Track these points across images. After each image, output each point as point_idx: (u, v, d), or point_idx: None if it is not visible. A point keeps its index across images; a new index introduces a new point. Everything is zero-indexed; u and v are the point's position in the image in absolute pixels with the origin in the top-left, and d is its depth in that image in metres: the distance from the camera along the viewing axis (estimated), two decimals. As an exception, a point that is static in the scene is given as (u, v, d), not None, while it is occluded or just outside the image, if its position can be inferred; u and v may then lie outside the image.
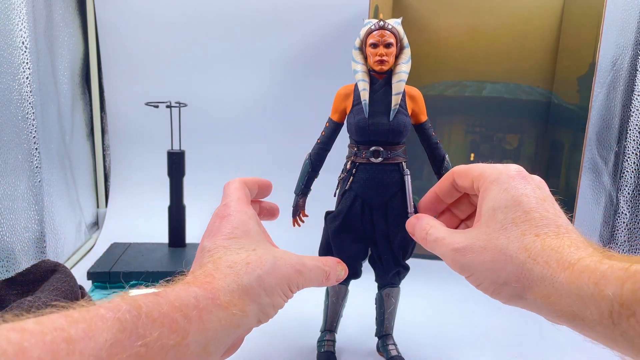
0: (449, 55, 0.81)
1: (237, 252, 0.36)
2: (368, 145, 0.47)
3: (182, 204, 0.78)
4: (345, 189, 0.48)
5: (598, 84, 0.79)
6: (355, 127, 0.46)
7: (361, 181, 0.47)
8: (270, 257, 0.36)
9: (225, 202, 0.41)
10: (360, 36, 0.47)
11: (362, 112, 0.46)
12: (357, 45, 0.47)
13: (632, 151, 0.71)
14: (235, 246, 0.36)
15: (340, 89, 0.48)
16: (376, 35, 0.45)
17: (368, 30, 0.46)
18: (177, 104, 0.78)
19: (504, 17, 0.79)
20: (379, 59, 0.45)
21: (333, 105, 0.49)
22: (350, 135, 0.48)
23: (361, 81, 0.46)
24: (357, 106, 0.46)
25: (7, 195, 0.63)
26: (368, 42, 0.46)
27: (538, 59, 0.80)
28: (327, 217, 0.50)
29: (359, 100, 0.46)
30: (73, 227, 0.86)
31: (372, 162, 0.47)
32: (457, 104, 0.83)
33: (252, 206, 0.42)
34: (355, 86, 0.47)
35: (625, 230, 0.72)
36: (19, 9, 0.65)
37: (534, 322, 0.65)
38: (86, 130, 0.95)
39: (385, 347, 0.54)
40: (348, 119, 0.47)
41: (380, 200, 0.47)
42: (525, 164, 0.84)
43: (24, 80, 0.67)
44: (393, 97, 0.46)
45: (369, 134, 0.46)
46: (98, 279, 0.68)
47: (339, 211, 0.48)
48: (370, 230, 0.48)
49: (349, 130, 0.48)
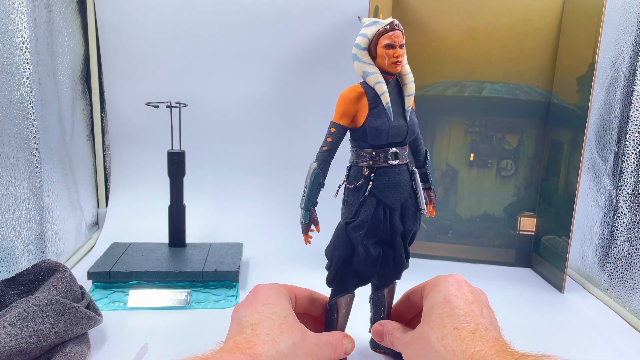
0: (449, 55, 0.81)
1: (270, 317, 0.40)
2: (386, 148, 0.46)
3: (182, 204, 0.78)
4: (365, 195, 0.46)
5: (597, 84, 0.79)
6: (377, 131, 0.45)
7: (382, 185, 0.47)
8: (298, 328, 0.41)
9: (260, 284, 0.47)
10: (367, 36, 0.45)
11: (383, 115, 0.45)
12: (364, 45, 0.45)
13: (631, 151, 0.71)
14: (269, 312, 0.41)
15: (347, 92, 0.46)
16: (392, 36, 0.44)
17: (380, 30, 0.44)
18: (177, 104, 0.78)
19: (503, 17, 0.79)
20: (396, 60, 0.44)
21: (340, 109, 0.46)
22: (365, 140, 0.46)
23: (380, 83, 0.45)
24: (375, 109, 0.45)
25: (7, 195, 0.63)
26: (382, 43, 0.44)
27: (537, 59, 0.80)
28: (349, 227, 0.47)
29: (376, 104, 0.45)
30: (73, 227, 0.86)
31: (390, 164, 0.46)
32: (457, 104, 0.83)
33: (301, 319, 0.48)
34: (366, 88, 0.45)
35: (625, 230, 0.72)
36: (19, 9, 0.66)
37: (531, 323, 0.65)
38: (86, 130, 0.95)
39: None
40: (367, 123, 0.45)
41: (398, 201, 0.48)
42: (525, 164, 0.84)
43: (24, 80, 0.67)
44: (407, 98, 0.47)
45: (391, 136, 0.46)
46: (98, 279, 0.68)
47: (363, 220, 0.47)
48: (389, 232, 0.48)
49: (363, 135, 0.46)
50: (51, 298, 0.51)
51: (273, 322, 0.39)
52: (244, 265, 0.81)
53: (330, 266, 0.50)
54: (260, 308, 0.41)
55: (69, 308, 0.52)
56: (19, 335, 0.46)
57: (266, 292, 0.43)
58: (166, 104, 0.77)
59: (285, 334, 0.38)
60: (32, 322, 0.48)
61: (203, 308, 0.67)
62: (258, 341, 0.37)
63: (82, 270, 0.71)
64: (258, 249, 0.87)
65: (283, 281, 0.50)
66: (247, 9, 0.92)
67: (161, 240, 0.80)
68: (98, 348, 0.55)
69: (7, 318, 0.48)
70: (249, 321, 0.39)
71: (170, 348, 0.56)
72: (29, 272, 0.59)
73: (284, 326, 0.39)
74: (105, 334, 0.59)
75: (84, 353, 0.52)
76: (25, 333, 0.47)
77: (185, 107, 0.79)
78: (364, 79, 0.46)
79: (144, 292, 0.68)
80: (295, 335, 0.39)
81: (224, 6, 0.91)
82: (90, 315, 0.54)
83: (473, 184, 0.85)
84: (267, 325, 0.39)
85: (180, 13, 0.92)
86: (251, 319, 0.39)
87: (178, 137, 0.78)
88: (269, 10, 0.92)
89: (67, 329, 0.51)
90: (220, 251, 0.77)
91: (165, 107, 0.77)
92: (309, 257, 0.84)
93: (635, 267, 0.69)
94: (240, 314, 0.41)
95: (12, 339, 0.46)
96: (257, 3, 0.91)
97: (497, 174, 0.85)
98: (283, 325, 0.39)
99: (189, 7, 0.91)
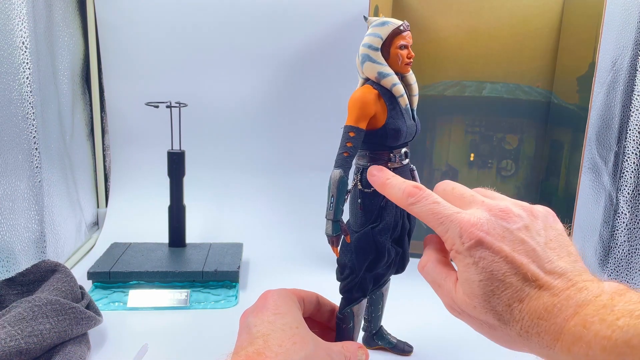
0: (449, 55, 0.81)
1: (282, 328, 0.38)
2: (399, 148, 0.46)
3: (182, 204, 0.78)
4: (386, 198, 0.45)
5: (598, 84, 0.79)
6: (398, 132, 0.44)
7: None
8: (311, 339, 0.39)
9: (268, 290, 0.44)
10: (380, 36, 0.44)
11: (399, 116, 0.45)
12: (377, 45, 0.44)
13: (632, 151, 0.71)
14: (280, 322, 0.39)
15: (363, 94, 0.44)
16: (406, 36, 0.44)
17: (395, 30, 0.44)
18: (177, 104, 0.78)
19: (504, 17, 0.79)
20: (409, 62, 0.45)
21: (357, 112, 0.43)
22: (383, 142, 0.45)
23: (397, 85, 0.44)
24: (394, 111, 0.44)
25: (7, 195, 0.63)
26: (397, 44, 0.44)
27: (538, 58, 0.80)
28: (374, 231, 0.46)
29: (393, 105, 0.44)
30: (73, 227, 0.86)
31: (403, 164, 0.47)
32: (457, 104, 0.83)
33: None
34: (380, 89, 0.44)
35: (625, 230, 0.72)
36: (19, 9, 0.65)
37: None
38: (86, 130, 0.95)
39: (386, 336, 0.56)
40: (389, 124, 0.44)
41: None
42: (525, 164, 0.84)
43: (24, 80, 0.67)
44: (413, 98, 0.47)
45: (407, 136, 0.46)
46: (98, 279, 0.68)
47: (387, 223, 0.46)
48: (401, 231, 0.49)
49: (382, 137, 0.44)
50: (51, 298, 0.51)
51: (285, 334, 0.38)
52: (243, 265, 0.81)
53: (349, 274, 0.47)
54: (271, 318, 0.39)
55: (69, 308, 0.52)
56: (18, 335, 0.46)
57: (276, 301, 0.41)
58: (166, 104, 0.77)
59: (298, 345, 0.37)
60: (32, 322, 0.48)
61: (203, 308, 0.67)
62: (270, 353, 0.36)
63: (82, 271, 0.71)
64: (258, 249, 0.86)
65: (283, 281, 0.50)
66: (247, 9, 0.92)
67: (161, 240, 0.80)
68: (98, 348, 0.55)
69: (7, 318, 0.48)
70: (260, 331, 0.38)
71: (170, 348, 0.56)
72: (29, 272, 0.59)
73: (296, 337, 0.38)
74: (105, 334, 0.59)
75: (83, 353, 0.52)
76: (25, 333, 0.47)
77: (185, 107, 0.79)
78: (379, 80, 0.44)
79: (143, 292, 0.68)
80: (308, 346, 0.38)
81: (223, 6, 0.91)
82: (90, 316, 0.54)
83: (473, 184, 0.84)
84: (279, 337, 0.37)
85: (180, 13, 0.92)
86: (262, 329, 0.38)
87: (178, 137, 0.77)
88: (269, 10, 0.92)
89: (67, 329, 0.51)
90: (220, 251, 0.77)
91: (165, 107, 0.77)
92: (309, 257, 0.84)
93: (635, 267, 0.69)
94: (250, 322, 0.40)
95: (12, 339, 0.46)
96: (257, 3, 0.91)
97: (497, 174, 0.85)
98: (295, 336, 0.38)
99: (188, 7, 0.91)
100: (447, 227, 0.35)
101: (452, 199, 0.38)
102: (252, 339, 0.37)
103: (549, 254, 0.32)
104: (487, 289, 0.32)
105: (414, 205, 0.37)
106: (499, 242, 0.33)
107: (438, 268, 0.38)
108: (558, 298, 0.30)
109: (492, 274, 0.32)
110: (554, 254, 0.33)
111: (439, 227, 0.35)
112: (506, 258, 0.32)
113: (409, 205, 0.37)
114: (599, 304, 0.28)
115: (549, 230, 0.34)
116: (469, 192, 0.39)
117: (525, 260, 0.32)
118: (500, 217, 0.34)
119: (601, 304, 0.28)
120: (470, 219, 0.34)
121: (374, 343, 0.56)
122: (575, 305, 0.29)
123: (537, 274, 0.31)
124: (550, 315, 0.30)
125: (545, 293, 0.31)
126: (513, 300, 0.31)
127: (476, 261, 0.33)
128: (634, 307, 0.27)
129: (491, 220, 0.34)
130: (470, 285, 0.33)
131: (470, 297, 0.33)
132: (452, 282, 0.36)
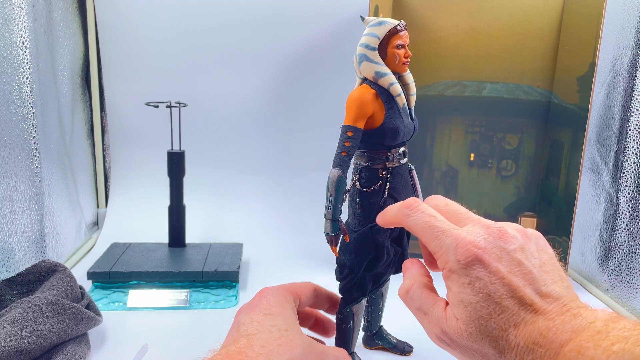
0: (449, 55, 0.81)
1: (269, 329, 0.37)
2: (397, 147, 0.46)
3: (182, 204, 0.78)
4: (385, 197, 0.46)
5: (598, 84, 0.79)
6: (396, 131, 0.45)
7: (397, 185, 0.47)
8: (300, 342, 0.37)
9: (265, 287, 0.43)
10: (378, 36, 0.44)
11: (397, 115, 0.45)
12: (374, 45, 0.44)
13: (632, 151, 0.71)
14: (269, 323, 0.38)
15: (361, 93, 0.44)
16: (403, 36, 0.44)
17: (392, 30, 0.44)
18: (177, 104, 0.78)
19: (504, 17, 0.79)
20: (406, 61, 0.45)
21: (355, 112, 0.43)
22: (381, 141, 0.45)
23: (395, 85, 0.44)
24: (391, 110, 0.45)
25: (7, 195, 0.63)
26: (394, 43, 0.44)
27: (538, 59, 0.80)
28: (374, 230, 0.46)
29: (391, 104, 0.45)
30: (73, 227, 0.86)
31: (401, 163, 0.47)
32: (457, 104, 0.83)
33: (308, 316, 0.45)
34: (377, 89, 0.44)
35: (625, 230, 0.72)
36: (19, 9, 0.65)
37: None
38: (86, 130, 0.95)
39: (386, 336, 0.56)
40: (387, 124, 0.44)
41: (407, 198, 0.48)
42: (525, 164, 0.84)
43: (24, 80, 0.67)
44: (411, 97, 0.47)
45: (405, 136, 0.46)
46: (98, 279, 0.68)
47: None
48: (400, 230, 0.49)
49: (380, 136, 0.45)
50: (51, 298, 0.51)
51: (272, 335, 0.37)
52: (243, 266, 0.81)
53: (348, 274, 0.47)
54: (261, 318, 0.38)
55: (69, 308, 0.52)
56: (18, 335, 0.46)
57: (269, 300, 0.40)
58: (166, 104, 0.77)
59: (283, 347, 0.36)
60: (32, 322, 0.48)
61: (203, 308, 0.67)
62: (251, 353, 0.34)
63: (81, 271, 0.71)
64: (258, 249, 0.87)
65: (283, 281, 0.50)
66: (247, 9, 0.91)
67: (161, 240, 0.80)
68: (98, 348, 0.55)
69: (6, 318, 0.48)
70: (247, 330, 0.37)
71: (170, 348, 0.56)
72: (29, 272, 0.59)
73: (282, 339, 0.36)
74: (105, 334, 0.59)
75: (83, 353, 0.52)
76: (25, 333, 0.47)
77: (185, 107, 0.79)
78: (377, 80, 0.44)
79: (143, 292, 0.68)
80: (295, 350, 0.36)
81: (223, 6, 0.91)
82: (90, 316, 0.54)
83: (473, 184, 0.85)
84: (264, 337, 0.36)
85: (180, 13, 0.92)
86: (249, 328, 0.37)
87: (178, 137, 0.77)
88: (269, 10, 0.92)
89: (67, 329, 0.51)
90: (220, 251, 0.77)
91: (165, 107, 0.77)
92: (309, 257, 0.84)
93: (635, 267, 0.69)
94: (240, 320, 0.39)
95: (12, 339, 0.45)
96: (256, 3, 0.91)
97: (498, 174, 0.85)
98: (282, 338, 0.37)
99: (188, 7, 0.91)
100: (442, 243, 0.34)
101: (445, 215, 0.36)
102: (237, 337, 0.37)
103: (544, 277, 0.32)
104: (484, 312, 0.31)
105: (410, 217, 0.36)
106: (496, 262, 0.32)
107: (425, 293, 0.36)
108: (554, 322, 0.29)
109: (488, 296, 0.31)
110: (549, 277, 0.32)
111: (434, 242, 0.34)
112: (503, 280, 0.31)
113: (405, 217, 0.37)
114: (594, 330, 0.28)
115: (541, 254, 0.34)
116: (463, 209, 0.37)
117: (521, 283, 0.31)
118: (497, 237, 0.33)
119: (596, 330, 0.28)
120: (467, 236, 0.33)
121: (374, 343, 0.56)
122: (570, 331, 0.29)
123: (532, 298, 0.31)
124: (546, 341, 0.29)
125: (540, 317, 0.30)
126: (509, 325, 0.30)
127: (472, 281, 0.32)
128: (629, 333, 0.27)
129: (488, 239, 0.33)
130: (465, 308, 0.32)
131: (465, 323, 0.32)
132: (441, 308, 0.34)
